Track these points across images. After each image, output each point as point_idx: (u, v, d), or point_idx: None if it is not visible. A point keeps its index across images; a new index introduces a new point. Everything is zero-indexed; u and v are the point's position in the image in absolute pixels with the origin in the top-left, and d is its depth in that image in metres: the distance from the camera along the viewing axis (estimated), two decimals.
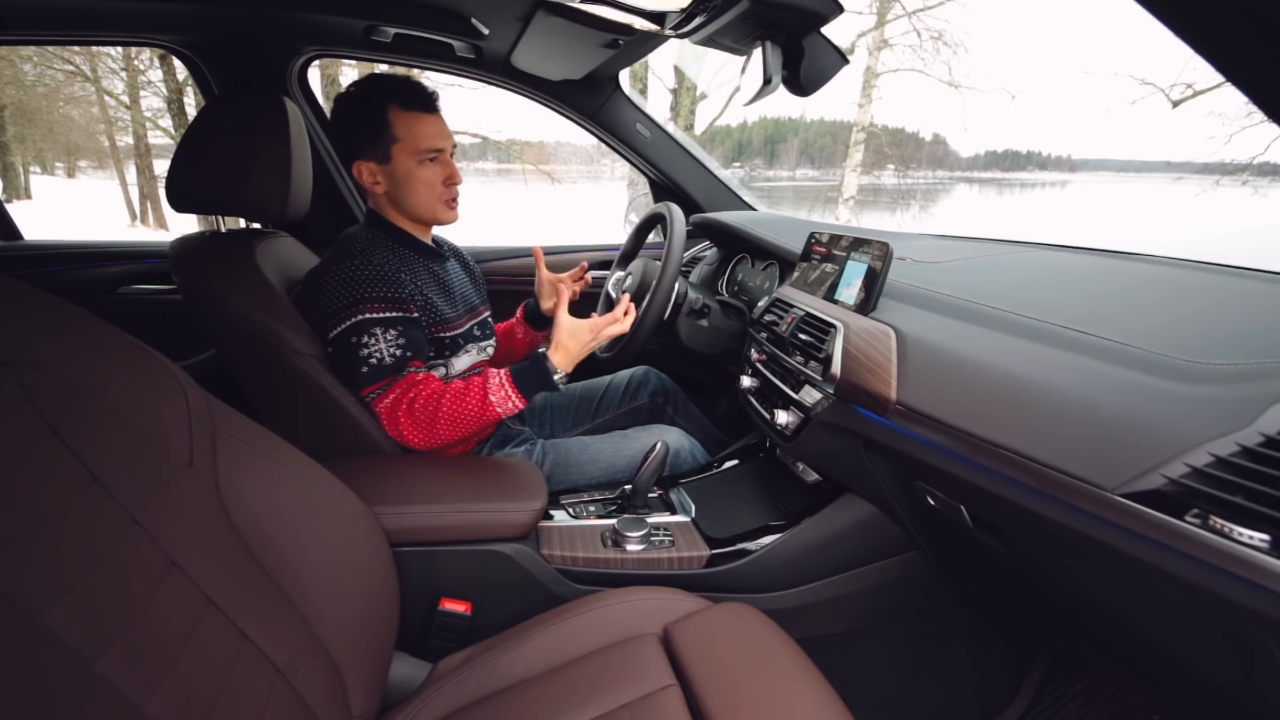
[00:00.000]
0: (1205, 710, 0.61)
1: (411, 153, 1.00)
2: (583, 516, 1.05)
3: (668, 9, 1.05)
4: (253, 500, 0.60)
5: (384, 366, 0.96)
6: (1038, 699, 1.03)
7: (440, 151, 1.03)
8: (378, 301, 0.95)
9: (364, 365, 0.95)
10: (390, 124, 0.99)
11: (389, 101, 0.98)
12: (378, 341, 0.95)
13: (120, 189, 11.42)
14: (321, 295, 0.97)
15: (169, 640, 0.45)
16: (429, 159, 1.02)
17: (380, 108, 0.98)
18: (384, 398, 0.97)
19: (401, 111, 0.99)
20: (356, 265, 0.97)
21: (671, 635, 0.72)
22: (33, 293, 0.52)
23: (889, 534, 0.97)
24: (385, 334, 0.95)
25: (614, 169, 12.98)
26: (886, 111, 35.58)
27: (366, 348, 0.95)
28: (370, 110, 0.99)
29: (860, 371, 0.81)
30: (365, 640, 0.66)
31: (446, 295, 1.10)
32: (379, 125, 0.99)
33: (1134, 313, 0.74)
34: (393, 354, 0.96)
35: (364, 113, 0.99)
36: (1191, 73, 6.55)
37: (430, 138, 1.01)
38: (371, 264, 0.97)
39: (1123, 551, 0.51)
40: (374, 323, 0.95)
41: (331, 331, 0.96)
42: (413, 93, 0.99)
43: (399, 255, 1.04)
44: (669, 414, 1.43)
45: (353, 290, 0.95)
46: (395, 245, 1.06)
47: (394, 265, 1.00)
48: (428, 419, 0.96)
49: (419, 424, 0.97)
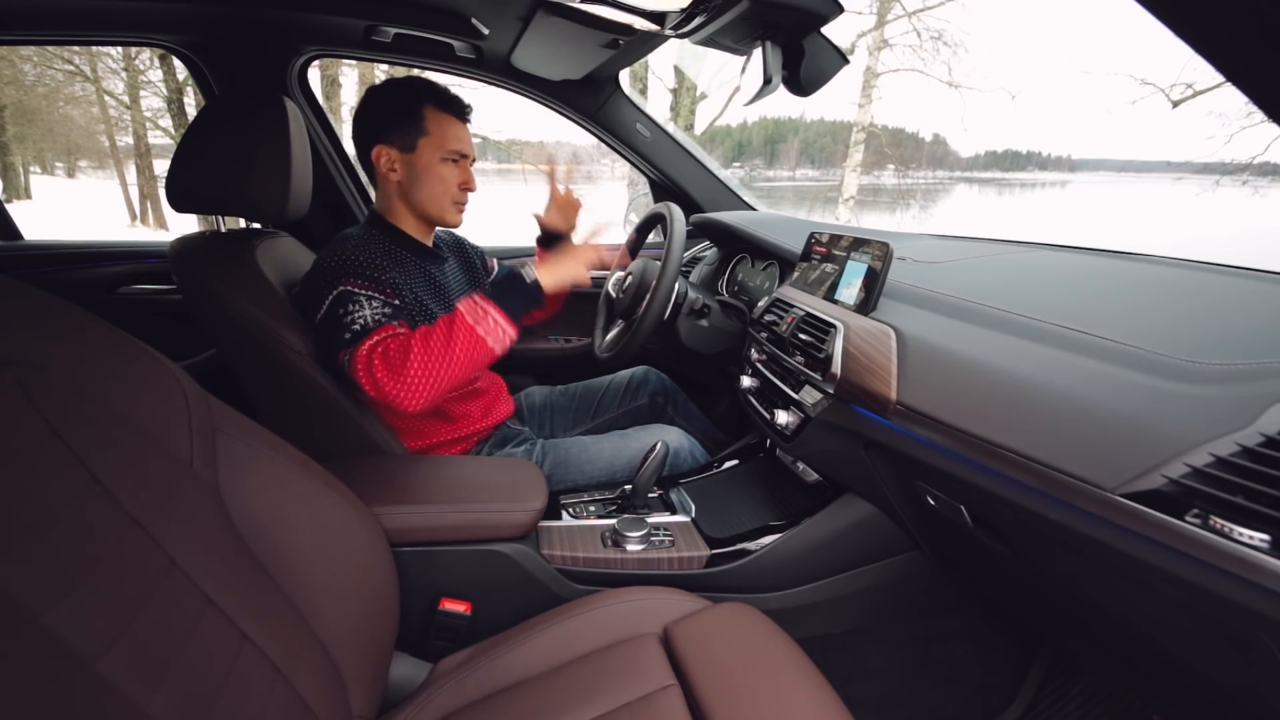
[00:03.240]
0: (1205, 710, 0.61)
1: (437, 148, 1.03)
2: (583, 516, 1.05)
3: (668, 9, 1.05)
4: (253, 500, 0.60)
5: (366, 329, 0.91)
6: (1038, 699, 1.03)
7: (464, 156, 1.06)
8: (360, 279, 0.95)
9: (347, 331, 0.91)
10: (423, 118, 1.02)
11: (426, 99, 1.02)
12: (361, 308, 0.92)
13: (120, 189, 11.42)
14: (308, 284, 0.98)
15: (169, 640, 0.45)
16: (452, 160, 1.05)
17: (417, 101, 1.02)
18: (358, 351, 0.90)
19: (436, 111, 1.02)
20: (343, 253, 0.97)
21: (671, 635, 0.72)
22: (33, 293, 0.52)
23: (889, 534, 0.97)
24: (370, 302, 0.93)
25: (614, 169, 12.98)
26: (886, 111, 35.60)
27: (349, 314, 0.92)
28: (406, 102, 1.02)
29: (860, 371, 0.81)
30: (365, 640, 0.66)
31: (439, 296, 1.11)
32: (412, 117, 1.02)
33: (1134, 313, 0.74)
34: (376, 319, 0.92)
35: (399, 103, 1.02)
36: (1191, 73, 6.55)
37: (458, 141, 1.05)
38: (363, 253, 0.98)
39: (1123, 551, 0.51)
40: (357, 293, 0.93)
41: (317, 314, 0.95)
42: (450, 98, 1.04)
43: (392, 255, 1.05)
44: (669, 414, 1.42)
45: (339, 270, 0.95)
46: (391, 245, 1.07)
47: (385, 263, 1.00)
48: (399, 360, 0.88)
49: (392, 366, 0.88)
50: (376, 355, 0.89)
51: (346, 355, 0.92)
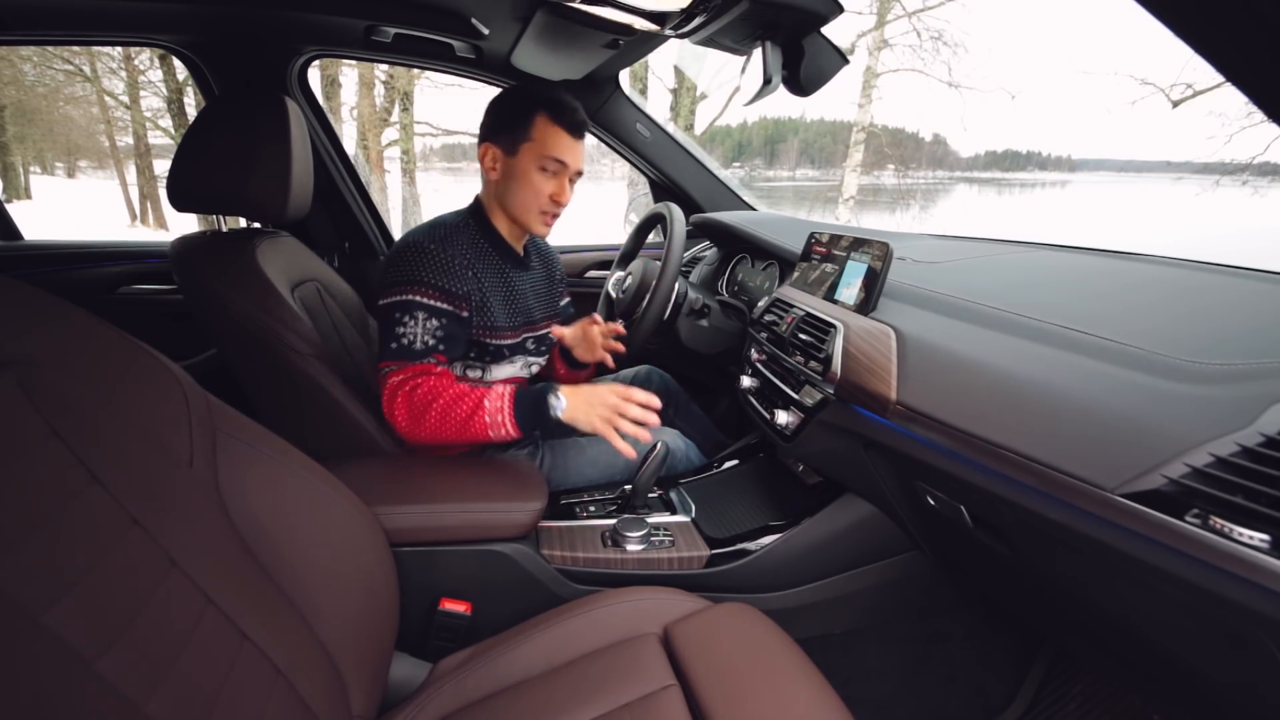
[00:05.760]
0: (1204, 710, 0.61)
1: (536, 155, 1.03)
2: (583, 516, 1.05)
3: (668, 9, 1.05)
4: (253, 500, 0.60)
5: (412, 350, 0.96)
6: (1038, 699, 1.03)
7: (563, 167, 1.05)
8: (432, 289, 0.97)
9: (395, 341, 0.96)
10: (532, 125, 1.02)
11: (541, 107, 1.02)
12: (417, 325, 0.96)
13: (120, 189, 11.42)
14: (392, 261, 1.00)
15: (169, 640, 0.45)
16: (549, 169, 1.04)
17: (531, 108, 1.02)
18: (395, 375, 0.96)
19: (547, 121, 1.03)
20: (431, 247, 0.99)
21: (671, 635, 0.72)
22: (33, 292, 0.52)
23: (889, 534, 0.97)
24: (427, 321, 0.97)
25: (614, 169, 12.97)
26: (886, 111, 35.56)
27: (403, 325, 0.96)
28: (522, 106, 1.03)
29: (860, 371, 0.81)
30: (365, 640, 0.66)
31: (509, 304, 1.10)
32: (522, 122, 1.03)
33: (1134, 313, 0.74)
34: (425, 342, 0.96)
35: (516, 106, 1.04)
36: (1191, 73, 6.54)
37: (559, 149, 1.03)
38: (445, 251, 0.99)
39: (1123, 551, 0.51)
40: (420, 306, 0.96)
41: (382, 299, 0.99)
42: (562, 109, 1.03)
43: (478, 249, 1.06)
44: (669, 414, 1.42)
45: (415, 269, 0.97)
46: (479, 240, 1.08)
47: (467, 259, 1.02)
48: (421, 408, 0.94)
49: (412, 411, 0.94)
50: (403, 392, 0.94)
51: (384, 368, 0.97)
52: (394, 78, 7.13)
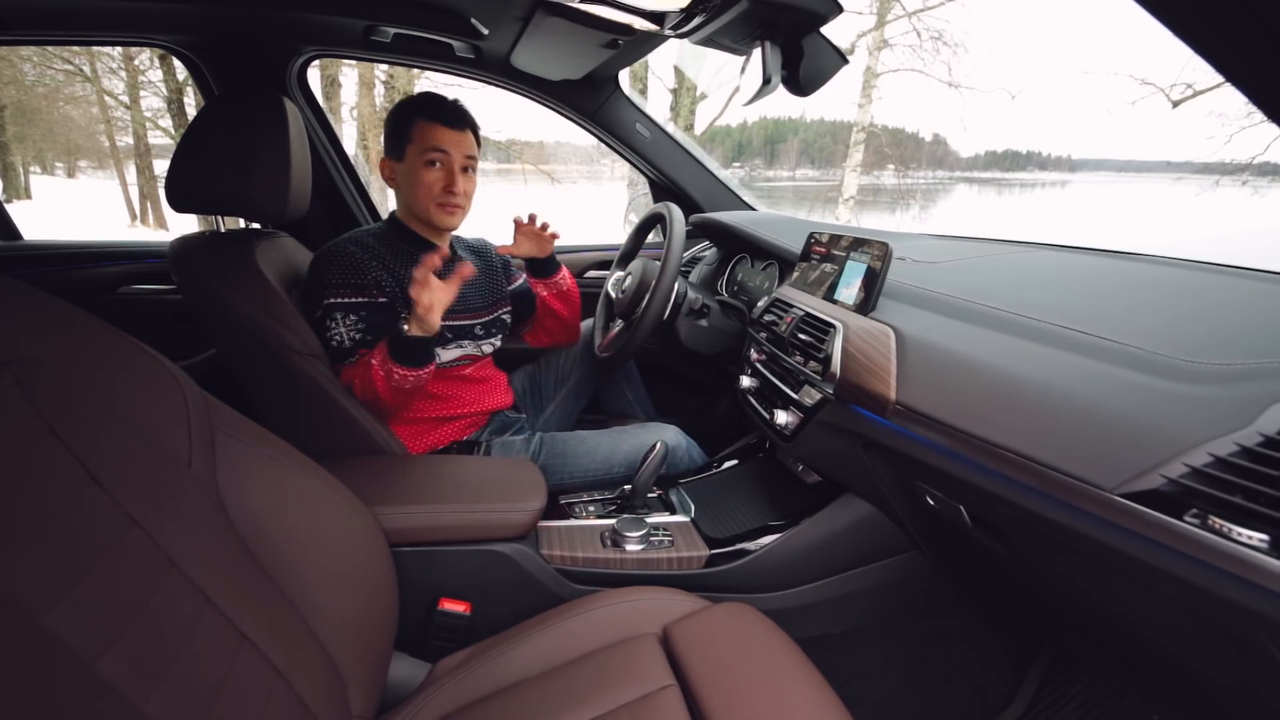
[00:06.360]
0: (1204, 710, 0.61)
1: (419, 152, 1.09)
2: (582, 516, 1.05)
3: (668, 9, 1.05)
4: (252, 500, 0.60)
5: (344, 349, 1.04)
6: (1038, 699, 1.03)
7: (443, 154, 1.10)
8: (340, 287, 1.04)
9: (327, 346, 1.04)
10: (411, 127, 1.09)
11: (417, 111, 1.09)
12: (338, 325, 1.04)
13: (120, 189, 11.41)
14: (309, 281, 1.08)
15: (168, 640, 0.45)
16: (431, 163, 1.10)
17: (410, 114, 1.10)
18: (344, 376, 1.04)
19: (423, 121, 1.09)
20: (331, 252, 1.06)
21: (671, 635, 0.72)
22: (33, 293, 0.52)
23: (888, 534, 0.97)
24: (345, 319, 1.04)
25: (614, 169, 12.98)
26: (886, 111, 35.54)
27: (328, 330, 1.04)
28: (402, 115, 1.10)
29: (860, 371, 0.81)
30: (364, 640, 0.66)
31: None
32: (404, 128, 1.10)
33: (1134, 313, 0.74)
34: (352, 338, 1.04)
35: (398, 117, 1.11)
36: (1191, 73, 6.54)
37: (437, 139, 1.09)
38: (345, 251, 1.06)
39: (1122, 551, 0.51)
40: (335, 307, 1.04)
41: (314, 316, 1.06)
42: (435, 105, 1.10)
43: (396, 250, 1.12)
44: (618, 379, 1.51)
45: (322, 275, 1.05)
46: (397, 243, 1.14)
47: (378, 256, 1.08)
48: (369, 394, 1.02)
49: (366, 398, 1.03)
50: (355, 388, 1.04)
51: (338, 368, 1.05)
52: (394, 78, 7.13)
